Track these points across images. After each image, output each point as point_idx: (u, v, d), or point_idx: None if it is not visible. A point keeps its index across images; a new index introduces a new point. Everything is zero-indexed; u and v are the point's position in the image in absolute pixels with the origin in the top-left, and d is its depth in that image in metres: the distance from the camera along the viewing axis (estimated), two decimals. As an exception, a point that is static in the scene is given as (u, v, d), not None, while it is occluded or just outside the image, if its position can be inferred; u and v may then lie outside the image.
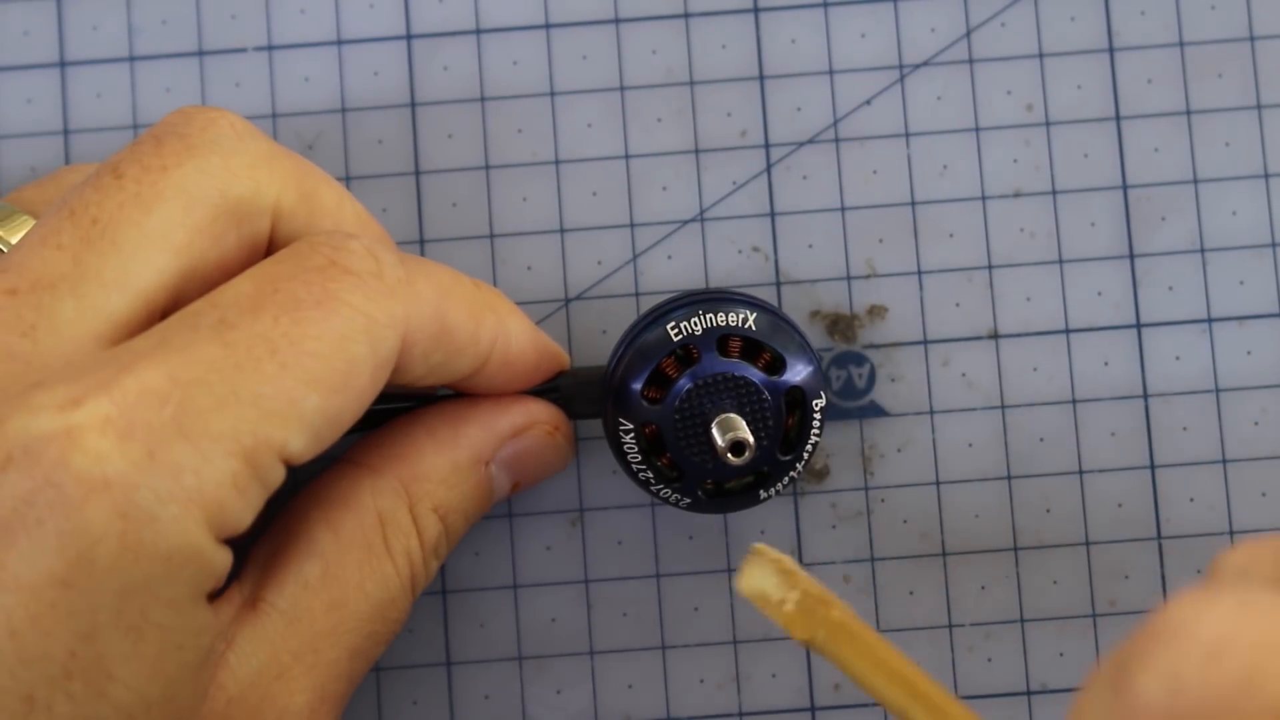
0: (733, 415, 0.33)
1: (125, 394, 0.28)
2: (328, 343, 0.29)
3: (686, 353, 0.33)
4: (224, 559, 0.29)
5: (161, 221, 0.30)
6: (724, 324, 0.33)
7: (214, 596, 0.30)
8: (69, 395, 0.28)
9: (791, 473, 0.34)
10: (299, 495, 0.33)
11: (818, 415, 0.33)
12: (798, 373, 0.33)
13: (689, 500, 0.34)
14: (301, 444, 0.29)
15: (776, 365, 0.33)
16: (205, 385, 0.28)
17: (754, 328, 0.33)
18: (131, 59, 0.38)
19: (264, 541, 0.33)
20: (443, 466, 0.33)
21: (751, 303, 0.33)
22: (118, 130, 0.37)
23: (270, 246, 0.32)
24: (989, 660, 0.36)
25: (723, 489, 0.34)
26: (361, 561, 0.32)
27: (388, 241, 0.34)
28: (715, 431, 0.33)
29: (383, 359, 0.30)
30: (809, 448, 0.33)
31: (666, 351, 0.33)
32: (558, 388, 0.35)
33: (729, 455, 0.32)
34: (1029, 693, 0.36)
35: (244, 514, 0.29)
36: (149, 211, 0.30)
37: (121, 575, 0.27)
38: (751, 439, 0.32)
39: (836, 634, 0.29)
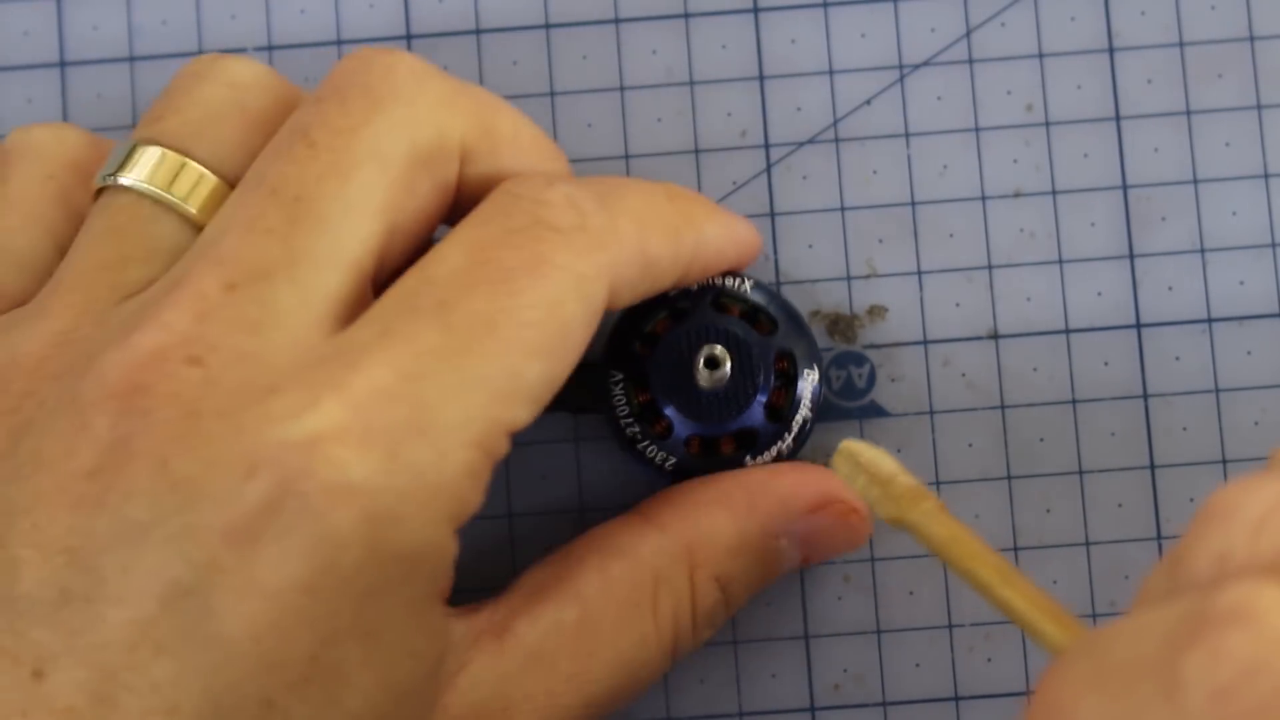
0: (717, 346, 0.33)
1: (358, 396, 0.28)
2: (543, 309, 0.29)
3: (682, 312, 0.34)
4: (456, 548, 0.29)
5: (361, 188, 0.30)
6: (720, 285, 0.34)
7: (450, 602, 0.30)
8: (304, 401, 0.28)
9: (780, 444, 0.34)
10: (580, 538, 0.33)
11: (809, 394, 0.34)
12: (790, 340, 0.34)
13: (674, 460, 0.34)
14: (528, 414, 0.29)
15: (769, 328, 0.34)
16: (434, 377, 0.28)
17: (749, 291, 0.34)
18: (131, 59, 0.38)
19: (533, 573, 0.32)
20: (732, 536, 0.33)
21: (756, 282, 0.34)
22: (118, 130, 0.37)
23: (460, 186, 0.32)
24: (989, 660, 0.36)
25: (709, 448, 0.34)
26: (624, 616, 0.32)
27: (562, 162, 0.34)
28: (699, 359, 0.33)
29: (594, 311, 0.30)
30: (799, 420, 0.34)
31: (663, 306, 0.34)
32: None
33: (703, 369, 0.33)
34: (1029, 693, 0.36)
35: (478, 497, 0.29)
36: (347, 180, 0.30)
37: (365, 579, 0.28)
38: (729, 364, 0.33)
39: (927, 519, 0.29)
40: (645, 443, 0.34)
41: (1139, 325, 0.37)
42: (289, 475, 0.27)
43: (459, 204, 0.32)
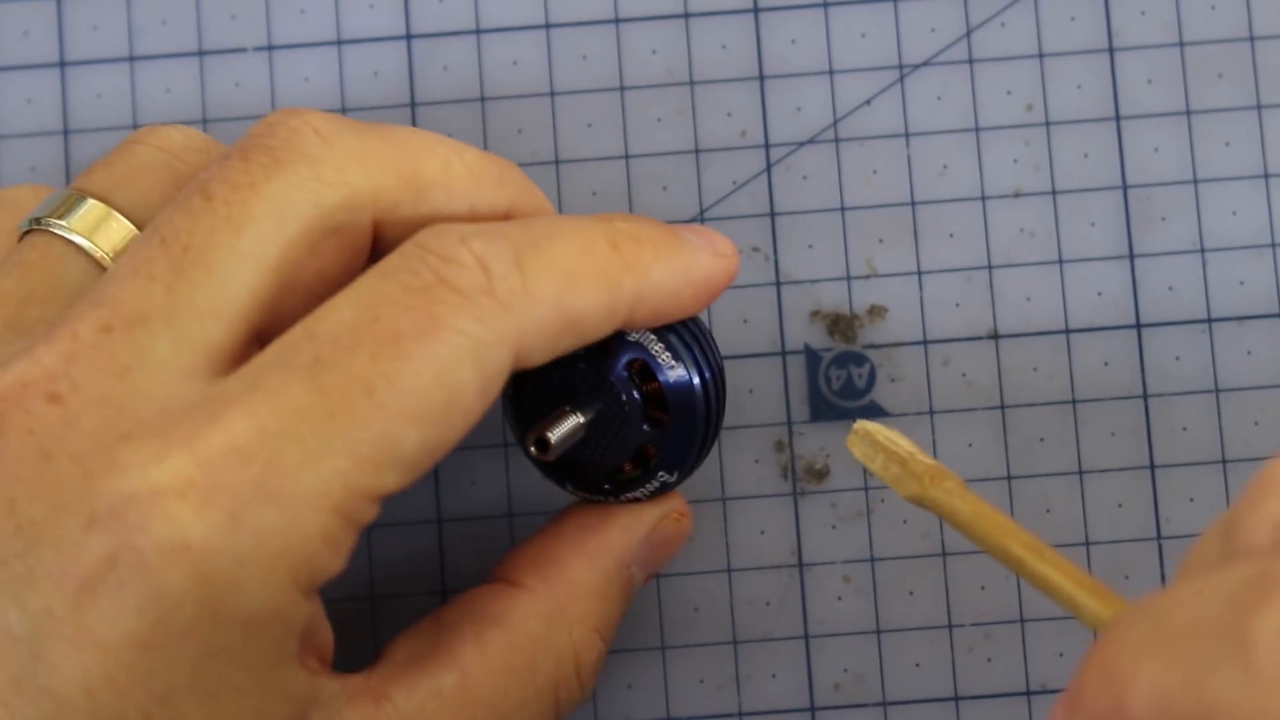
0: (551, 429, 0.32)
1: (210, 451, 0.27)
2: (429, 375, 0.28)
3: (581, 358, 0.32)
4: (309, 611, 0.28)
5: (254, 242, 0.29)
6: (640, 359, 0.32)
7: (321, 659, 0.29)
8: (153, 453, 0.27)
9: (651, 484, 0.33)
10: (451, 603, 0.32)
11: (653, 487, 0.33)
12: (666, 443, 0.32)
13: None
14: (397, 482, 0.28)
15: (656, 418, 0.32)
16: (295, 438, 0.27)
17: (666, 375, 0.32)
18: (131, 59, 0.38)
19: (404, 641, 0.32)
20: (596, 581, 0.32)
21: (685, 368, 0.32)
22: (118, 130, 0.37)
23: (378, 241, 0.31)
24: (989, 660, 0.36)
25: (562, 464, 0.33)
26: (502, 683, 0.31)
27: (512, 183, 0.32)
28: (531, 438, 0.32)
29: (492, 377, 0.29)
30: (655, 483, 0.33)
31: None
32: None
33: (532, 449, 0.32)
34: (1029, 693, 0.36)
35: (334, 562, 0.28)
36: (240, 233, 0.29)
37: (200, 639, 0.27)
38: (569, 436, 0.32)
39: (951, 497, 0.29)
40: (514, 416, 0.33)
41: (1139, 325, 0.37)
42: (126, 529, 0.27)
43: (383, 254, 0.31)
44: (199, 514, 0.27)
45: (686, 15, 0.37)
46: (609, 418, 0.32)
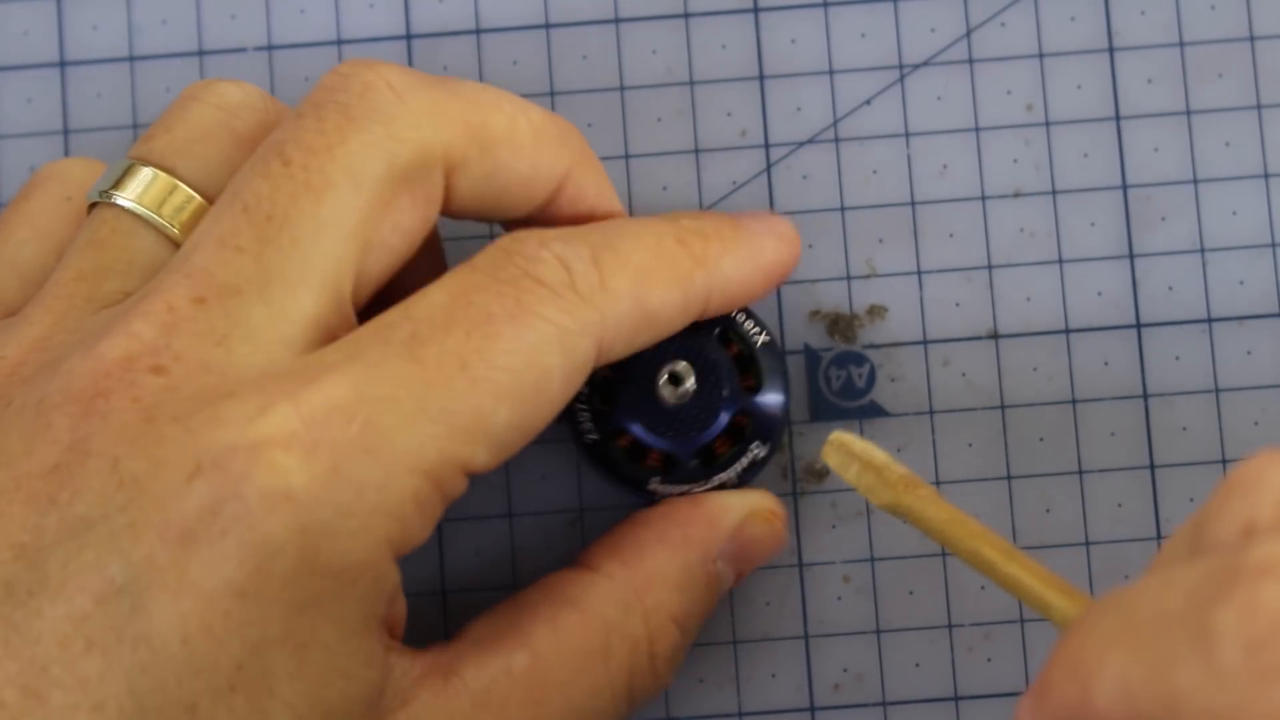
0: (680, 362, 0.34)
1: (312, 408, 0.28)
2: (520, 356, 0.29)
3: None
4: (396, 577, 0.29)
5: (335, 208, 0.30)
6: (731, 319, 0.34)
7: (393, 634, 0.30)
8: (256, 407, 0.28)
9: (737, 465, 0.34)
10: (528, 588, 0.33)
11: (745, 462, 0.34)
12: (760, 403, 0.34)
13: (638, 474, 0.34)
14: (487, 457, 0.29)
15: (752, 383, 0.34)
16: (393, 402, 0.28)
17: (757, 343, 0.34)
18: (131, 59, 0.38)
19: (481, 621, 0.32)
20: (677, 572, 0.33)
21: (771, 341, 0.35)
22: (118, 130, 0.37)
23: (448, 195, 0.32)
24: (989, 660, 0.36)
25: (671, 464, 0.34)
26: (574, 665, 0.31)
27: (572, 142, 0.33)
28: (663, 374, 0.34)
29: (577, 365, 0.30)
30: (747, 458, 0.34)
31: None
32: None
33: (665, 383, 0.33)
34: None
35: (424, 528, 0.29)
36: (321, 200, 0.30)
37: (297, 589, 0.28)
38: (691, 380, 0.33)
39: (924, 504, 0.30)
40: (609, 453, 0.34)
41: (1139, 325, 0.37)
42: (230, 478, 0.27)
43: (456, 211, 0.32)
44: (303, 464, 0.28)
45: (686, 15, 0.37)
46: (704, 385, 0.34)
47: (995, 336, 0.37)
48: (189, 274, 0.30)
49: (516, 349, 0.29)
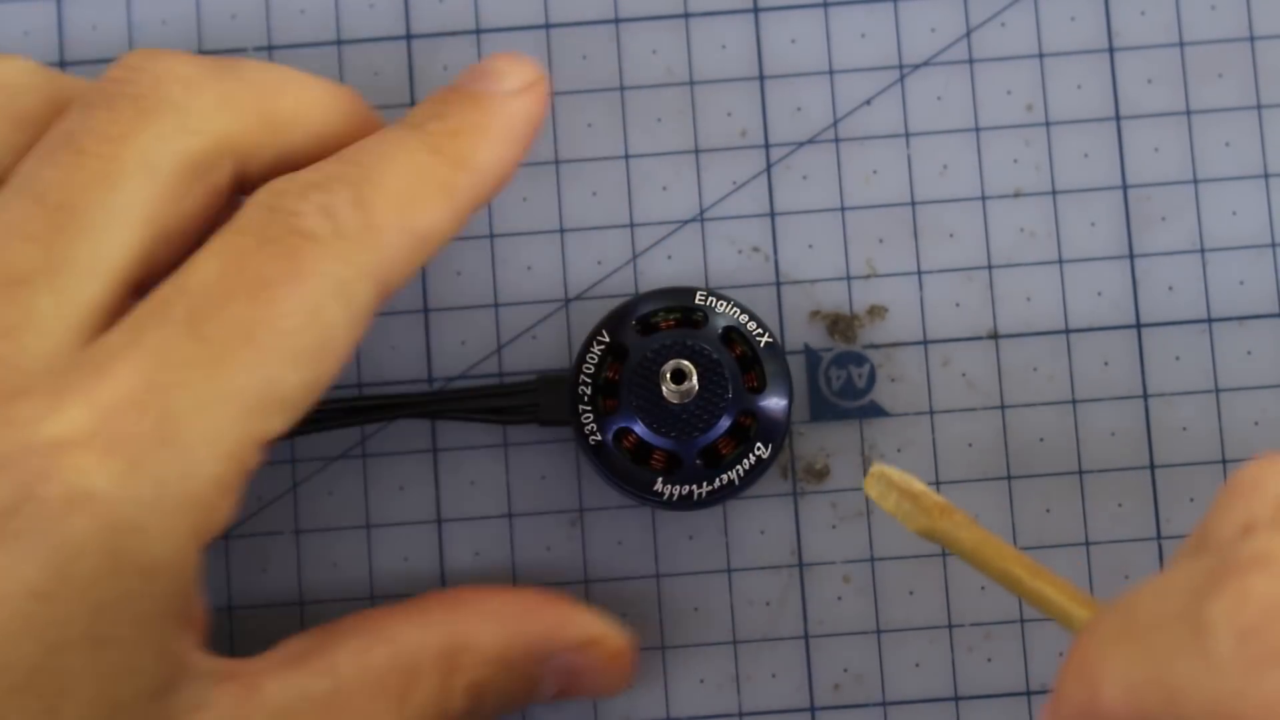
0: (684, 360, 0.34)
1: (105, 404, 0.28)
2: (302, 316, 0.29)
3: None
4: (197, 569, 0.29)
5: (128, 197, 0.30)
6: (736, 323, 0.34)
7: (194, 629, 0.29)
8: (49, 405, 0.28)
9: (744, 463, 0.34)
10: (349, 616, 0.32)
11: (747, 464, 0.34)
12: (763, 402, 0.34)
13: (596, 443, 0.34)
14: (284, 424, 0.29)
15: (755, 385, 0.34)
16: (185, 387, 0.28)
17: (760, 344, 0.34)
18: (131, 59, 0.38)
19: (294, 640, 0.32)
20: (495, 647, 0.32)
21: (774, 342, 0.35)
22: (118, 130, 0.37)
23: (239, 179, 0.32)
24: (989, 660, 0.36)
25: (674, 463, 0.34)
26: (373, 700, 0.31)
27: (351, 109, 0.33)
28: (667, 371, 0.33)
29: (360, 311, 0.30)
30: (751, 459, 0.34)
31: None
32: (532, 389, 0.35)
33: (669, 380, 0.33)
34: (1029, 693, 0.36)
35: (229, 511, 0.29)
36: (114, 188, 0.30)
37: (100, 589, 0.27)
38: (695, 378, 0.33)
39: (957, 528, 0.30)
40: (611, 454, 0.34)
41: (1139, 325, 0.37)
42: (28, 479, 0.27)
43: (246, 191, 0.32)
44: (102, 463, 0.27)
45: (686, 15, 0.37)
46: (708, 385, 0.34)
47: (995, 336, 0.37)
48: None
49: (298, 310, 0.29)
